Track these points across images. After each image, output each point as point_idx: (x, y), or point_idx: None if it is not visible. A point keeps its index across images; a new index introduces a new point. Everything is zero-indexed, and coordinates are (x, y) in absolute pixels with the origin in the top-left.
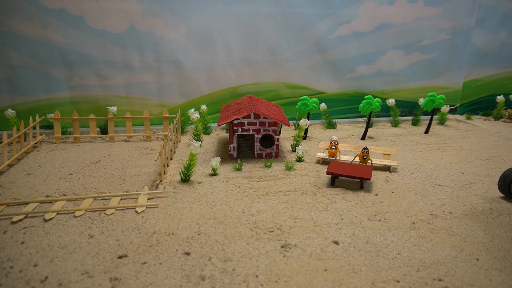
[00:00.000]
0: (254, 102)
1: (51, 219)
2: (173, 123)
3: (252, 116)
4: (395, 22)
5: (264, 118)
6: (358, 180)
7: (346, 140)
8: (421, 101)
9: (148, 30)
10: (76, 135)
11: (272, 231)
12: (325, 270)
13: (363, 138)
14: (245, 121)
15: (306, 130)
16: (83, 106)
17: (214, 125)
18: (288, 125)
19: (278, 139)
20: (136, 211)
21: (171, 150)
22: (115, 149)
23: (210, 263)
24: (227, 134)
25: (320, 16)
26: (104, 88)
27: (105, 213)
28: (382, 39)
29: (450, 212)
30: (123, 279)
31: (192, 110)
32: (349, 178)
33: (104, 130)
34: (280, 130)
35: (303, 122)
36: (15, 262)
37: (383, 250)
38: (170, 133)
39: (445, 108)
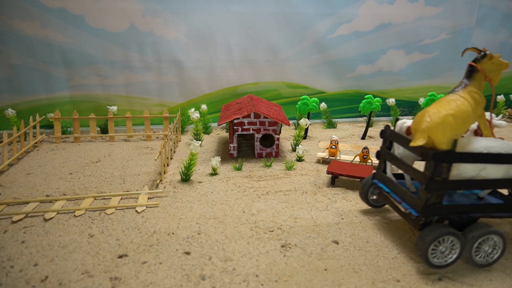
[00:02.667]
0: (254, 102)
1: (51, 218)
2: (173, 123)
3: (252, 115)
4: (395, 22)
5: (264, 117)
6: (358, 179)
7: (346, 140)
8: (422, 100)
9: (148, 29)
10: (76, 134)
11: (272, 231)
12: (325, 269)
13: (363, 137)
14: (245, 120)
15: (306, 130)
16: (83, 105)
17: (214, 124)
18: (288, 124)
19: (278, 138)
20: (136, 211)
21: (171, 149)
22: (115, 149)
23: (210, 263)
24: (227, 134)
25: (321, 15)
26: (104, 88)
27: (105, 213)
28: (383, 39)
29: None
30: (123, 279)
31: (192, 109)
32: (349, 177)
33: (104, 130)
34: (280, 129)
35: (303, 121)
36: (16, 262)
37: (383, 250)
38: (170, 133)
39: None
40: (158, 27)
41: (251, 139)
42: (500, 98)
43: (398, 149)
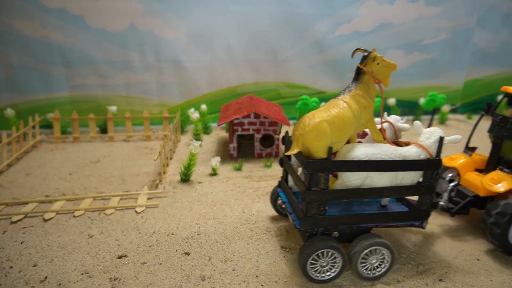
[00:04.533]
0: (254, 102)
1: (50, 219)
2: (172, 123)
3: (252, 115)
4: (395, 22)
5: (264, 117)
6: None
7: None
8: (422, 100)
9: (148, 29)
10: (75, 134)
11: (272, 231)
12: None
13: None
14: (245, 120)
15: None
16: (83, 105)
17: (214, 124)
18: (288, 124)
19: (278, 138)
20: (136, 211)
21: (170, 149)
22: (115, 149)
23: (210, 263)
24: (227, 134)
25: (321, 15)
26: (104, 88)
27: (105, 213)
28: (383, 39)
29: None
30: (123, 279)
31: (192, 109)
32: None
33: (103, 130)
34: (280, 129)
35: None
36: (15, 262)
37: None
38: (169, 133)
39: (446, 108)
40: (158, 27)
41: (251, 139)
42: (500, 98)
43: (293, 158)
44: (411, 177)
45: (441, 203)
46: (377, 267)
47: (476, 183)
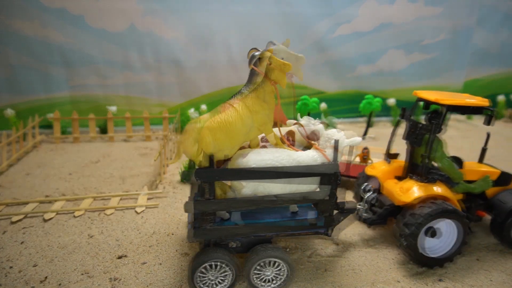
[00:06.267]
0: None
1: (50, 219)
2: (172, 123)
3: None
4: (395, 22)
5: None
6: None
7: None
8: None
9: (148, 29)
10: (75, 135)
11: None
12: (325, 270)
13: (363, 138)
14: None
15: None
16: (83, 105)
17: None
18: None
19: None
20: (136, 211)
21: (170, 150)
22: (115, 149)
23: None
24: None
25: (321, 15)
26: (104, 88)
27: (105, 213)
28: (383, 39)
29: None
30: (123, 279)
31: (192, 110)
32: (349, 178)
33: (103, 130)
34: None
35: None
36: (15, 262)
37: (383, 251)
38: (169, 133)
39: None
40: (158, 27)
41: None
42: (501, 98)
43: None
44: (308, 183)
45: (359, 207)
46: (273, 279)
47: (393, 191)
